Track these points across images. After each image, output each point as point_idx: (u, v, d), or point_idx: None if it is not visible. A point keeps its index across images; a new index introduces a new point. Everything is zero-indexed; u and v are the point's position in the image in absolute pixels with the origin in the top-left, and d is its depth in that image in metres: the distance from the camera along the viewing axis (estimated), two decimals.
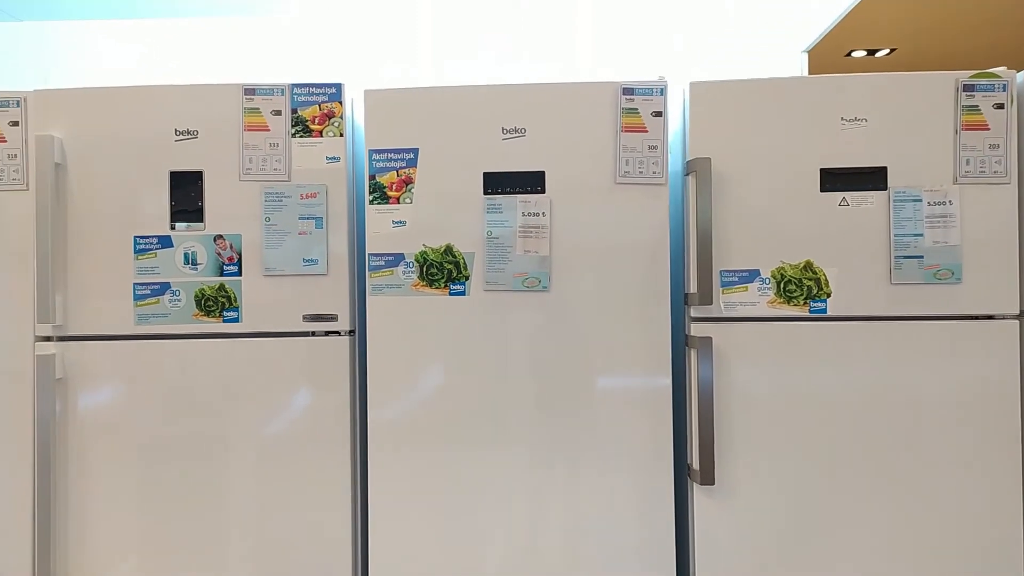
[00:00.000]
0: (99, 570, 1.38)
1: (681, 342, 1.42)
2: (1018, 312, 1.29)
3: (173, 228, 1.39)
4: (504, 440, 1.34)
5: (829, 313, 1.31)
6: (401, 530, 1.35)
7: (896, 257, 1.29)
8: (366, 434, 1.38)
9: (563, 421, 1.33)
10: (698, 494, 1.33)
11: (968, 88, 1.29)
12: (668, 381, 1.33)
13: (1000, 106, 1.29)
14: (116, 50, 2.12)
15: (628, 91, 1.34)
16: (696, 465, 1.31)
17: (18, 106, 1.43)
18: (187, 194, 1.39)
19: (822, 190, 1.31)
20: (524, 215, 1.34)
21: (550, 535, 1.33)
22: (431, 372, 1.35)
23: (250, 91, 1.40)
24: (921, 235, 1.29)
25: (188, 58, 2.06)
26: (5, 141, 1.43)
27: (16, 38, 2.07)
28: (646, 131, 1.34)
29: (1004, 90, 1.28)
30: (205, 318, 1.39)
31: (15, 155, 1.43)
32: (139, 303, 1.39)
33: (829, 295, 1.31)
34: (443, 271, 1.36)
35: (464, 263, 1.36)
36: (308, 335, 1.39)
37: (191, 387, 1.38)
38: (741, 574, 1.31)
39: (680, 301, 1.42)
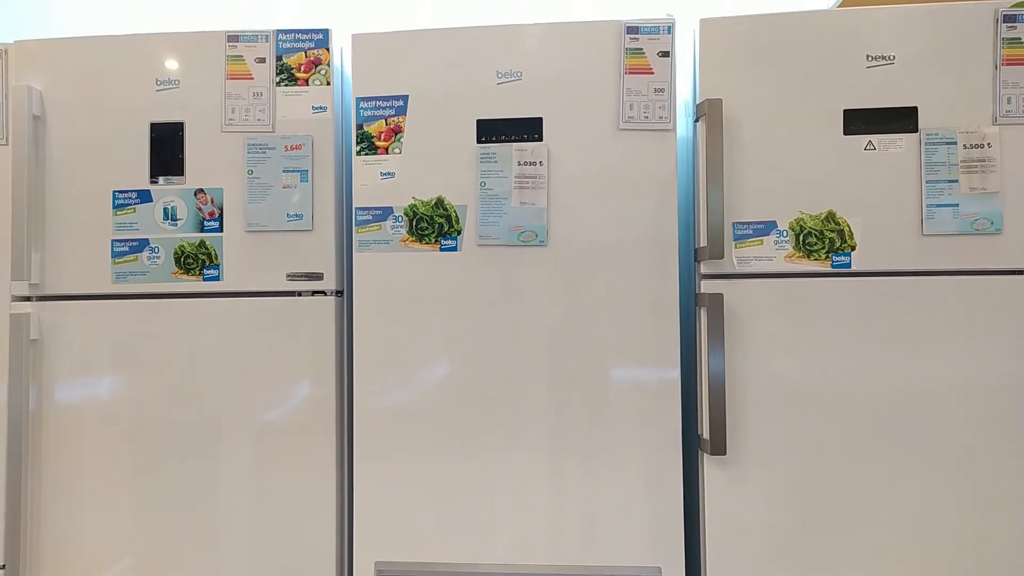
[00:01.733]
0: (74, 531, 1.31)
1: (690, 303, 1.31)
2: None
3: (153, 182, 1.33)
4: (498, 404, 1.24)
5: (854, 268, 1.19)
6: (387, 500, 1.26)
7: (928, 206, 1.17)
8: (352, 403, 1.29)
9: (562, 384, 1.23)
10: (709, 468, 1.21)
11: (1009, 19, 1.17)
12: (676, 340, 1.22)
13: None
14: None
15: (632, 30, 1.24)
16: (706, 435, 1.19)
17: (0, 57, 1.38)
18: (167, 146, 1.33)
19: (845, 133, 1.20)
20: (520, 164, 1.25)
21: (546, 502, 1.23)
22: (421, 333, 1.26)
23: (233, 38, 1.33)
24: (956, 181, 1.17)
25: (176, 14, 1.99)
26: None
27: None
28: (652, 72, 1.24)
29: None
30: (185, 276, 1.32)
31: None
32: (116, 260, 1.33)
33: (854, 248, 1.19)
34: (434, 225, 1.27)
35: (456, 216, 1.27)
36: (292, 295, 1.31)
37: (169, 349, 1.31)
38: (752, 548, 1.20)
39: (690, 258, 1.32)
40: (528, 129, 1.25)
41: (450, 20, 1.84)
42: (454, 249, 1.26)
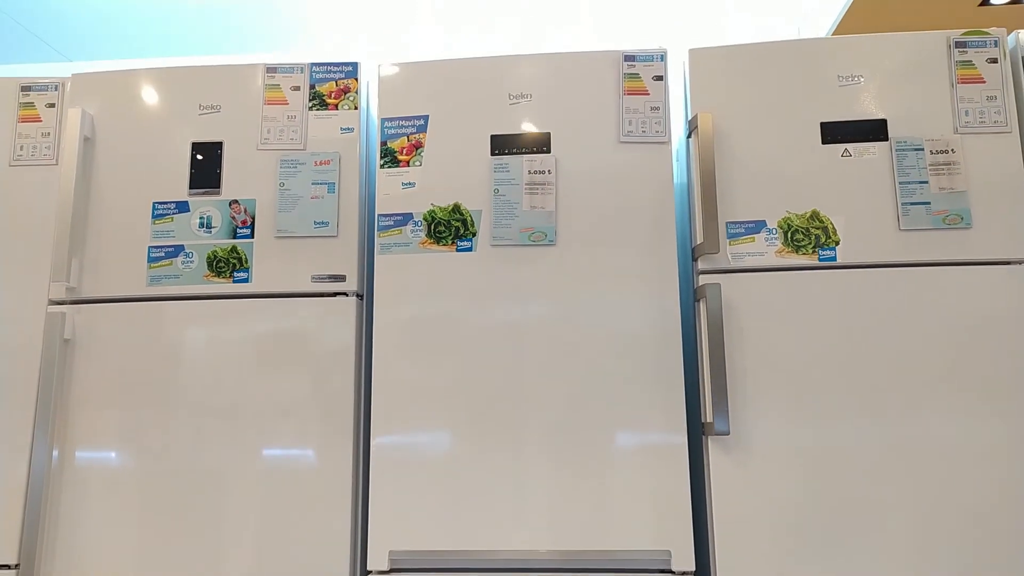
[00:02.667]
0: (92, 527, 1.33)
1: (690, 302, 1.40)
2: None
3: (192, 194, 1.44)
4: (509, 393, 1.30)
5: (839, 261, 1.29)
6: (402, 490, 1.29)
7: (903, 204, 1.29)
8: (370, 398, 1.35)
9: (570, 372, 1.30)
10: (713, 450, 1.26)
11: (960, 45, 1.33)
12: (678, 331, 1.30)
13: (994, 60, 1.32)
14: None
15: (630, 58, 1.40)
16: (710, 418, 1.25)
17: (56, 90, 1.52)
18: (207, 163, 1.45)
19: (823, 143, 1.33)
20: (530, 173, 1.37)
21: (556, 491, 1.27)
22: (437, 328, 1.34)
23: (271, 69, 1.48)
24: (926, 182, 1.29)
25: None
26: (40, 121, 1.51)
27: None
28: (648, 94, 1.39)
29: (996, 46, 1.32)
30: (215, 279, 1.40)
31: (48, 133, 1.51)
32: (152, 265, 1.42)
33: (838, 243, 1.30)
34: (450, 228, 1.38)
35: (471, 220, 1.37)
36: (317, 296, 1.39)
37: (198, 347, 1.38)
38: (759, 528, 1.23)
39: (688, 262, 1.42)
40: (538, 143, 1.38)
41: (456, 28, 2.08)
42: (469, 250, 1.36)
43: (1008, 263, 1.27)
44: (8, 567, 1.33)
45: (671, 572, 1.24)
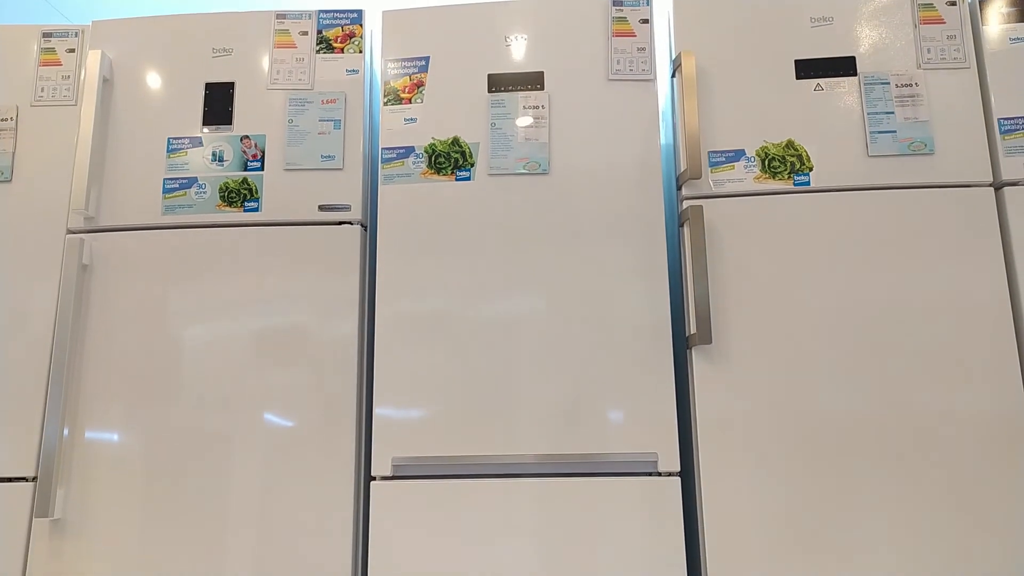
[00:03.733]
0: (105, 443, 1.39)
1: (675, 231, 1.49)
2: (991, 181, 1.36)
3: (205, 130, 1.52)
4: (506, 301, 1.38)
5: (812, 185, 1.39)
6: (404, 402, 1.36)
7: (871, 132, 1.39)
8: (374, 318, 1.43)
9: (561, 287, 1.38)
10: (697, 360, 1.35)
11: None
12: (664, 252, 1.39)
13: (952, 3, 1.43)
14: None
15: (617, 3, 1.50)
16: (694, 329, 1.34)
17: (76, 36, 1.61)
18: (219, 102, 1.53)
19: (797, 78, 1.43)
20: (525, 108, 1.46)
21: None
22: (438, 254, 1.42)
23: (281, 16, 1.57)
24: (892, 112, 1.39)
25: None
26: (61, 64, 1.59)
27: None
28: (635, 35, 1.48)
29: None
30: (227, 208, 1.48)
31: (68, 76, 1.59)
32: (167, 196, 1.49)
33: (811, 169, 1.39)
34: (450, 160, 1.46)
35: (470, 152, 1.46)
36: (323, 224, 1.47)
37: (211, 273, 1.45)
38: (739, 429, 1.31)
39: (673, 192, 1.51)
40: (531, 81, 1.48)
41: None
42: (468, 179, 1.45)
43: (967, 186, 1.36)
44: (25, 479, 1.39)
45: (658, 473, 1.31)
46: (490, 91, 1.48)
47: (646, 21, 1.49)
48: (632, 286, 1.38)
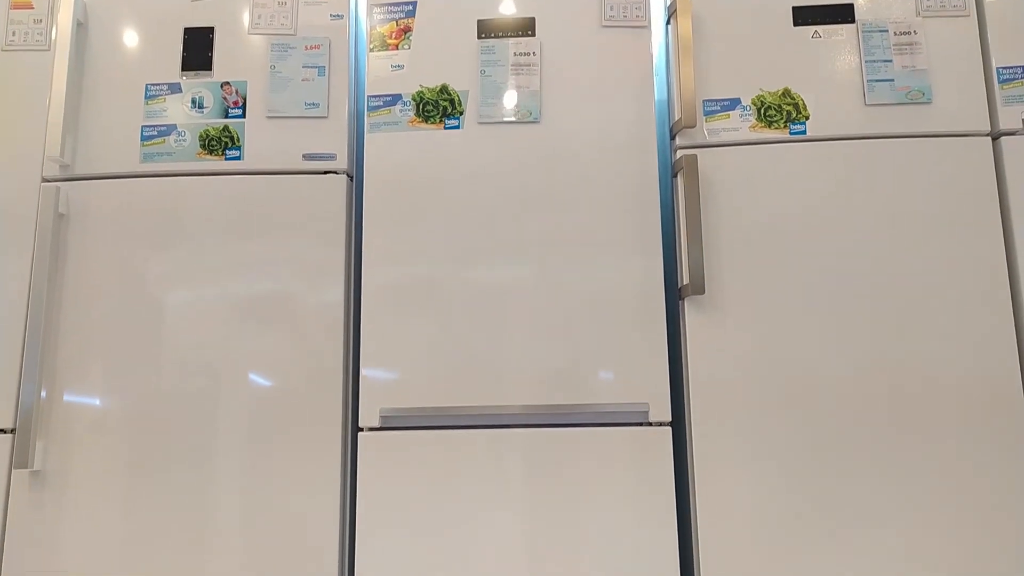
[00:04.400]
0: (84, 392, 1.36)
1: (668, 183, 1.46)
2: (989, 130, 1.34)
3: (184, 76, 1.47)
4: (493, 257, 1.36)
5: (809, 135, 1.36)
6: (392, 354, 1.34)
7: (869, 81, 1.36)
8: (360, 275, 1.40)
9: (553, 232, 1.36)
10: (689, 311, 1.33)
11: None
12: (656, 201, 1.36)
13: None
14: None
15: None
16: (687, 280, 1.32)
17: None
18: (198, 47, 1.48)
19: (795, 25, 1.40)
20: (516, 55, 1.42)
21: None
22: (426, 207, 1.39)
23: None
24: (890, 61, 1.36)
25: None
26: (32, 8, 1.53)
27: None
28: None
29: None
30: (208, 156, 1.44)
31: (40, 20, 1.52)
32: (145, 143, 1.45)
33: (808, 118, 1.36)
34: (438, 107, 1.42)
35: (458, 100, 1.42)
36: (308, 174, 1.43)
37: (190, 222, 1.41)
38: (730, 379, 1.30)
39: (666, 142, 1.48)
40: (522, 27, 1.43)
41: None
42: (457, 127, 1.41)
43: (965, 135, 1.34)
44: (3, 431, 1.35)
45: (648, 424, 1.30)
46: (479, 37, 1.44)
47: None
48: (625, 236, 1.35)
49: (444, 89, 1.43)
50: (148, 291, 1.39)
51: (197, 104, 1.46)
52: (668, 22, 1.45)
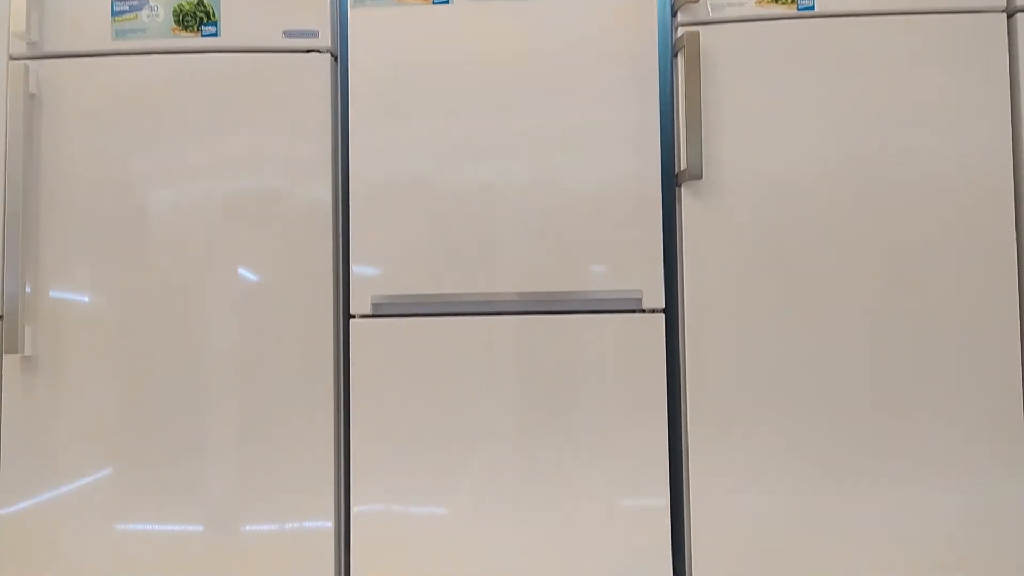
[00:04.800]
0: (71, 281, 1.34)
1: (668, 63, 1.40)
2: (1004, 6, 1.28)
3: None
4: (489, 145, 1.31)
5: (817, 10, 1.29)
6: (380, 247, 1.32)
7: None
8: (348, 166, 1.35)
9: (547, 125, 1.31)
10: (686, 196, 1.30)
11: None
12: (655, 82, 1.31)
13: None
14: None
15: None
16: (684, 165, 1.28)
17: None
18: None
19: None
20: None
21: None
22: (413, 94, 1.33)
23: None
24: None
25: None
26: None
27: None
28: None
29: None
30: (183, 32, 1.36)
31: None
32: (116, 19, 1.36)
33: None
34: None
35: None
36: (289, 52, 1.36)
37: (168, 112, 1.35)
38: (726, 264, 1.28)
39: (667, 20, 1.40)
40: None
41: None
42: (446, 2, 1.33)
43: (979, 12, 1.28)
44: None
45: (641, 310, 1.30)
46: None
47: None
48: (622, 120, 1.31)
49: None
50: (129, 186, 1.34)
51: None
52: None
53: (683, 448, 1.30)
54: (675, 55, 1.33)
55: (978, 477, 1.24)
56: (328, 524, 1.31)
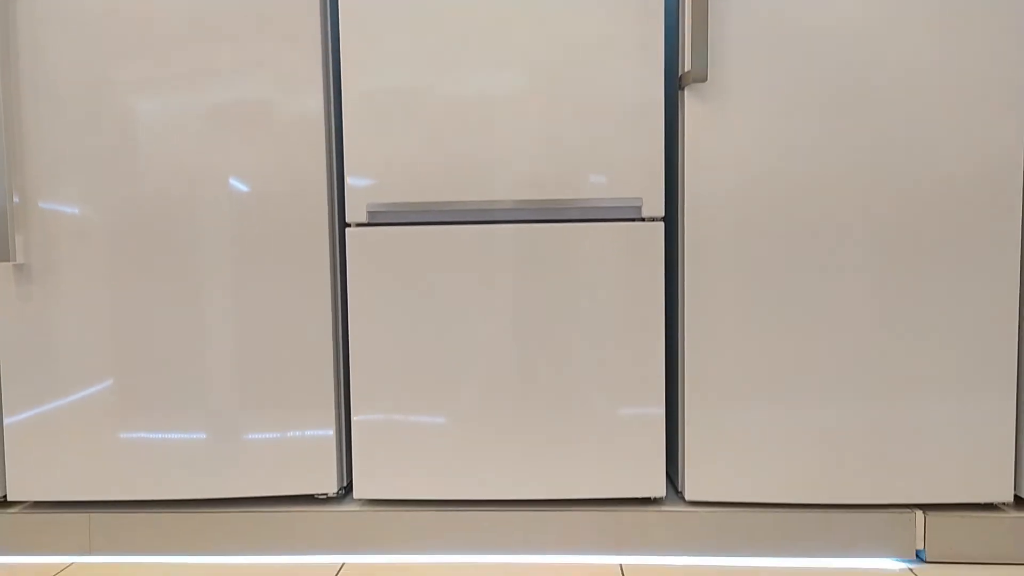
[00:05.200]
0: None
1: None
2: None
3: None
4: (484, 53, 1.26)
5: None
6: (377, 153, 1.28)
7: None
8: (339, 83, 1.30)
9: (546, 33, 1.26)
10: (689, 100, 1.26)
11: None
12: None
13: None
14: None
15: None
16: (688, 67, 1.23)
17: None
18: None
19: None
20: None
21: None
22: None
23: None
24: None
25: None
26: None
27: None
28: None
29: None
30: None
31: None
32: None
33: None
34: None
35: None
36: None
37: (149, 8, 1.29)
38: (728, 175, 1.26)
39: None
40: None
41: None
42: None
43: None
44: None
45: (641, 219, 1.27)
46: None
47: None
48: (623, 20, 1.25)
49: None
50: (115, 96, 1.30)
51: None
52: None
53: (679, 357, 1.30)
54: None
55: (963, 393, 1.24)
56: (329, 432, 1.33)
